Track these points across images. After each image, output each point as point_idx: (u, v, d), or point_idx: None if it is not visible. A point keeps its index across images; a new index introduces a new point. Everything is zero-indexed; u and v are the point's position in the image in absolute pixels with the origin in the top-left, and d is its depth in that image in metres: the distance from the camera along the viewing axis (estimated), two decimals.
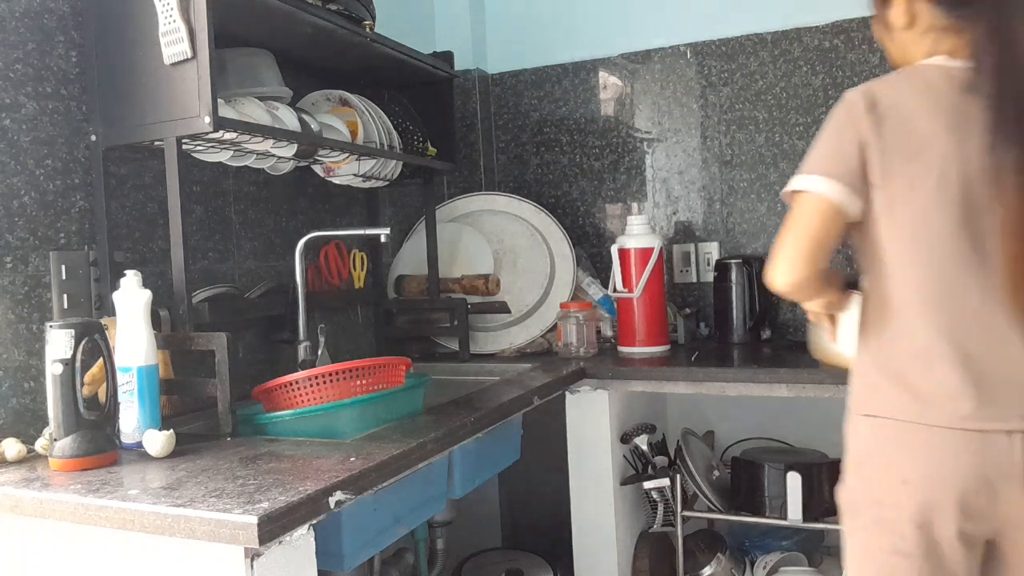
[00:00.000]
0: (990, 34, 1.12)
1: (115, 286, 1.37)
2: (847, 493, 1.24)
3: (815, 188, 1.18)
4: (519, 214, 2.51)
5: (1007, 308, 1.12)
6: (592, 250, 2.72)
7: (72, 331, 1.23)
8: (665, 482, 2.01)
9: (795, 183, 1.21)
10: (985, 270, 1.13)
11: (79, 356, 1.23)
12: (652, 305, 2.21)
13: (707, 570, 2.10)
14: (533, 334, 2.35)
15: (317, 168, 2.02)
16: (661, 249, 2.23)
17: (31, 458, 1.30)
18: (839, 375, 1.89)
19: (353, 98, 2.00)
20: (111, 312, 1.41)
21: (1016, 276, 1.11)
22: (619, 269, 2.21)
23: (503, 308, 2.32)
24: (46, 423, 1.29)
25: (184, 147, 1.55)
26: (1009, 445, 1.09)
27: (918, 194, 1.15)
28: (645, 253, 2.18)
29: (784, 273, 1.21)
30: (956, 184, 1.13)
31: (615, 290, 2.21)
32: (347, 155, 1.92)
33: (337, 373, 1.50)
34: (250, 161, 1.75)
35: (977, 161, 1.12)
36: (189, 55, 1.42)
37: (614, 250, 2.23)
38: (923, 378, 1.15)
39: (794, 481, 1.95)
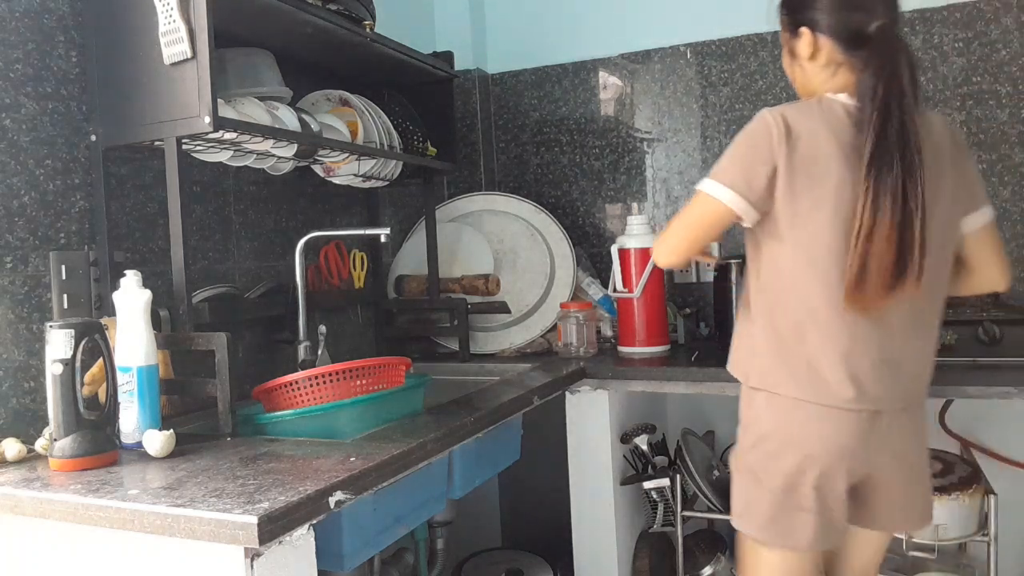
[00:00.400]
0: (878, 74, 1.28)
1: (115, 286, 1.37)
2: (749, 463, 1.44)
3: (719, 196, 1.37)
4: (519, 214, 2.51)
5: (895, 308, 1.32)
6: (592, 250, 2.72)
7: (72, 331, 1.23)
8: (665, 482, 2.01)
9: (704, 185, 1.40)
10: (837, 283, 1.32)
11: (79, 356, 1.23)
12: (652, 305, 2.20)
13: (707, 570, 2.10)
14: (533, 334, 2.35)
15: (317, 168, 2.02)
16: None
17: (31, 458, 1.30)
18: None
19: (353, 98, 2.00)
20: (111, 312, 1.41)
21: (856, 273, 1.29)
22: (619, 269, 2.21)
23: (503, 308, 2.32)
24: (46, 423, 1.29)
25: (184, 147, 1.55)
26: (872, 422, 1.35)
27: (816, 215, 1.31)
28: (645, 253, 2.18)
29: (665, 255, 1.49)
30: (847, 209, 1.29)
31: (615, 290, 2.22)
32: (347, 155, 1.92)
33: (337, 373, 1.50)
34: (250, 161, 1.75)
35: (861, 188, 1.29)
36: (189, 55, 1.42)
37: (614, 250, 2.23)
38: (817, 370, 1.35)
39: None
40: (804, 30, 1.38)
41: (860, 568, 1.56)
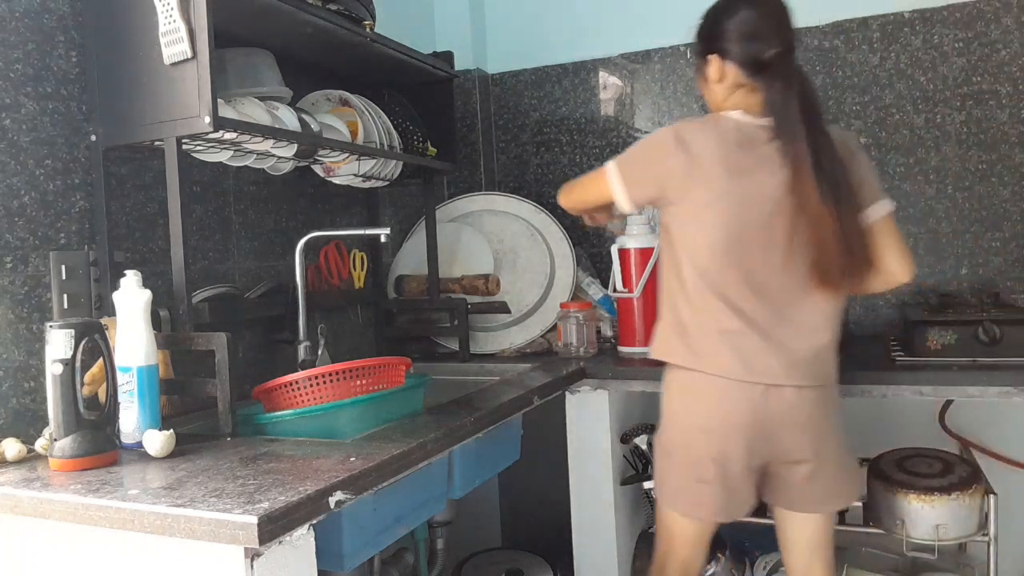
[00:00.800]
0: (785, 91, 1.49)
1: (115, 286, 1.37)
2: (662, 440, 1.64)
3: (611, 180, 1.63)
4: (519, 214, 2.51)
5: (753, 301, 1.51)
6: (592, 250, 2.72)
7: (72, 331, 1.23)
8: None
9: (608, 165, 1.64)
10: (742, 275, 1.51)
11: (79, 356, 1.23)
12: (652, 305, 2.20)
13: (707, 570, 2.10)
14: (533, 334, 2.35)
15: (317, 168, 2.02)
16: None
17: (31, 458, 1.30)
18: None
19: (353, 98, 2.00)
20: (111, 312, 1.41)
21: (818, 260, 1.48)
22: (619, 269, 2.20)
23: (503, 308, 2.32)
24: (46, 423, 1.29)
25: (184, 147, 1.55)
26: (766, 397, 1.50)
27: (706, 212, 1.52)
28: (645, 253, 2.18)
29: (562, 197, 1.81)
30: (729, 211, 1.50)
31: (615, 290, 2.21)
32: (347, 155, 1.92)
33: (337, 373, 1.50)
34: (250, 161, 1.75)
35: (750, 193, 1.49)
36: (189, 55, 1.42)
37: (614, 250, 2.23)
38: (711, 346, 1.53)
39: None
40: (713, 57, 1.57)
41: (805, 552, 1.66)
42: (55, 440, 1.22)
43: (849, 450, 1.63)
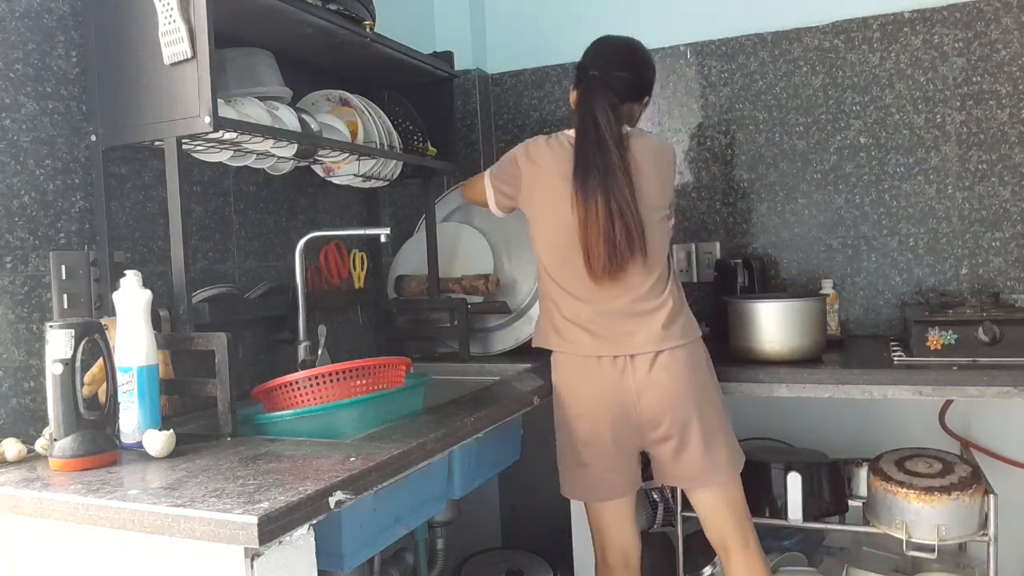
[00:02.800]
0: (580, 112, 1.78)
1: (115, 286, 1.37)
2: (556, 427, 1.83)
3: (486, 184, 1.95)
4: None
5: (589, 285, 1.75)
6: None
7: (72, 331, 1.23)
8: None
9: (487, 171, 1.97)
10: (578, 265, 1.74)
11: (79, 356, 1.22)
12: None
13: (707, 570, 2.11)
14: (533, 328, 2.32)
15: (317, 168, 2.02)
16: None
17: (31, 458, 1.30)
18: (838, 376, 1.89)
19: (353, 98, 2.00)
20: (111, 312, 1.41)
21: (588, 256, 1.72)
22: None
23: (503, 308, 2.32)
24: (46, 423, 1.29)
25: (184, 147, 1.55)
26: (616, 367, 1.73)
27: (546, 216, 1.81)
28: None
29: (462, 191, 2.21)
30: (562, 212, 1.75)
31: None
32: (347, 155, 1.92)
33: (337, 373, 1.50)
34: (250, 161, 1.75)
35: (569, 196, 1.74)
36: (189, 55, 1.42)
37: None
38: (564, 326, 1.79)
39: (794, 481, 1.96)
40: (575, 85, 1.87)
41: (712, 530, 1.81)
42: (55, 440, 1.22)
43: (725, 415, 1.78)
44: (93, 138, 1.54)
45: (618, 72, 1.83)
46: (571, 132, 1.81)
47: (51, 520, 1.10)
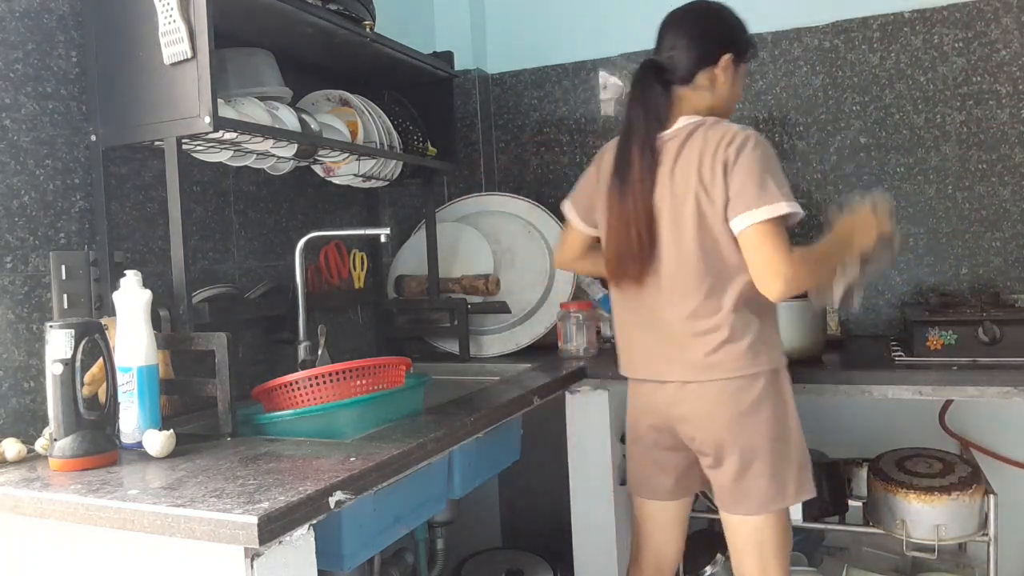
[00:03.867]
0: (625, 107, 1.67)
1: (115, 286, 1.37)
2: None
3: (566, 212, 1.87)
4: (515, 212, 2.50)
5: (631, 298, 1.66)
6: None
7: (72, 331, 1.23)
8: None
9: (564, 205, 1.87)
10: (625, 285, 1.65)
11: (79, 356, 1.22)
12: None
13: (707, 570, 2.10)
14: (537, 333, 2.34)
15: (317, 168, 2.02)
16: None
17: (31, 458, 1.29)
18: (838, 376, 1.89)
19: (353, 98, 2.00)
20: (111, 312, 1.41)
21: (609, 253, 1.65)
22: None
23: (503, 308, 2.32)
24: (46, 423, 1.29)
25: (184, 147, 1.55)
26: (660, 389, 1.65)
27: (601, 221, 1.71)
28: None
29: (556, 261, 2.05)
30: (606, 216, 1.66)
31: None
32: (347, 155, 1.92)
33: (337, 373, 1.50)
34: (250, 161, 1.75)
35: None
36: (189, 55, 1.42)
37: None
38: (621, 351, 1.76)
39: None
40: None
41: (733, 561, 1.70)
42: (55, 440, 1.22)
43: (779, 453, 1.57)
44: (93, 138, 1.54)
45: (671, 46, 1.68)
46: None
47: (51, 520, 1.09)
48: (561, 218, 2.59)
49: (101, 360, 1.28)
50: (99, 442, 1.23)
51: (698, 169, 1.55)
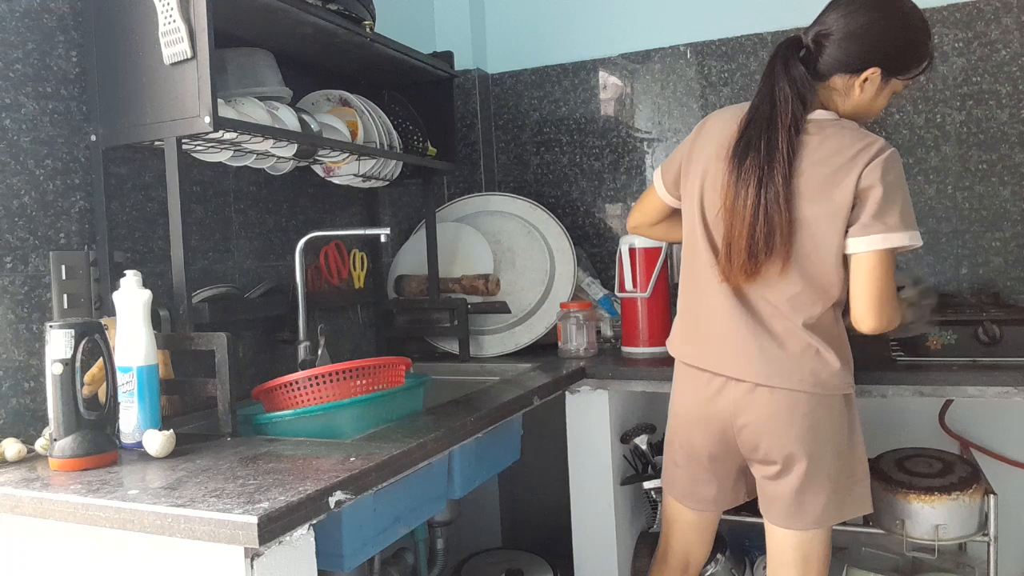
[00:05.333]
0: (759, 91, 1.52)
1: (115, 286, 1.37)
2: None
3: (655, 178, 1.76)
4: (514, 212, 2.50)
5: (717, 288, 1.52)
6: (592, 250, 2.72)
7: (72, 331, 1.23)
8: None
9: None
10: (708, 260, 1.54)
11: (79, 356, 1.23)
12: (658, 306, 2.20)
13: (707, 570, 2.10)
14: (537, 333, 2.34)
15: (317, 168, 2.02)
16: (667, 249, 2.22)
17: (31, 458, 1.30)
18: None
19: (353, 98, 2.00)
20: (111, 312, 1.41)
21: (726, 249, 1.50)
22: (629, 269, 2.19)
23: (503, 308, 2.32)
24: (46, 423, 1.29)
25: (184, 147, 1.55)
26: (718, 387, 1.54)
27: (692, 193, 1.58)
28: (651, 253, 2.17)
29: (629, 222, 1.90)
30: (708, 193, 1.55)
31: (625, 290, 2.20)
32: (347, 155, 1.92)
33: (337, 373, 1.50)
34: (250, 161, 1.75)
35: (713, 177, 1.53)
36: (189, 55, 1.42)
37: (624, 249, 2.21)
38: (680, 330, 1.64)
39: None
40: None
41: (771, 572, 1.60)
42: (55, 440, 1.22)
43: (844, 470, 1.51)
44: (93, 138, 1.54)
45: (824, 29, 1.49)
46: (747, 104, 1.56)
47: (51, 520, 1.09)
48: (561, 218, 2.61)
49: (101, 360, 1.28)
50: (99, 442, 1.23)
51: (834, 171, 1.42)
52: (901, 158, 1.46)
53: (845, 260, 1.46)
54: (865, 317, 1.45)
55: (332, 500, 1.06)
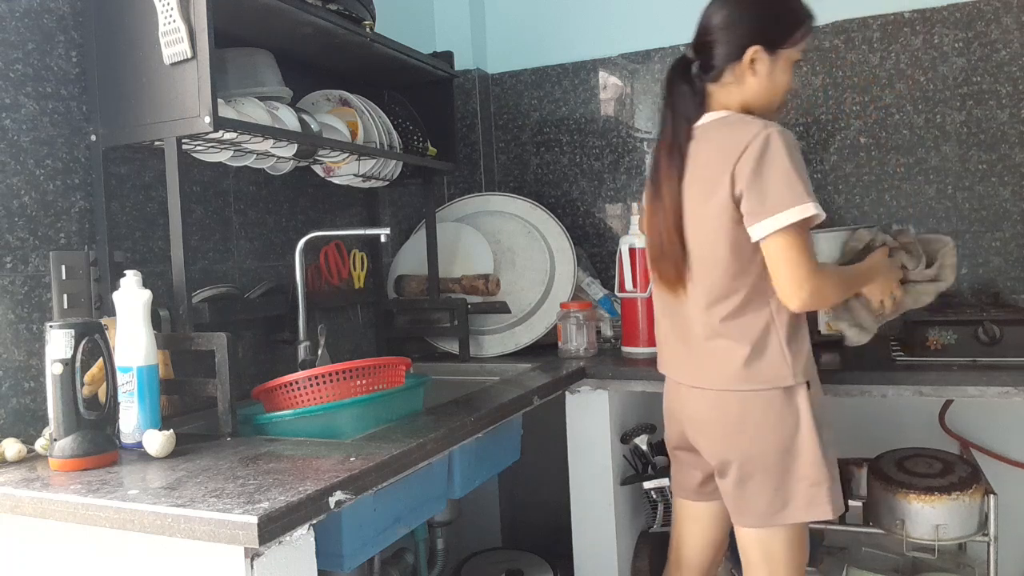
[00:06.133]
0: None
1: (115, 286, 1.37)
2: None
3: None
4: (515, 212, 2.50)
5: (657, 296, 1.67)
6: (592, 250, 2.72)
7: (72, 331, 1.23)
8: (665, 482, 2.00)
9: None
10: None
11: (79, 356, 1.23)
12: None
13: None
14: (537, 333, 2.34)
15: (317, 168, 2.02)
16: None
17: (31, 458, 1.30)
18: (838, 376, 1.89)
19: (353, 98, 2.00)
20: (111, 312, 1.41)
21: (648, 254, 1.65)
22: (629, 269, 2.19)
23: (503, 308, 2.32)
24: (46, 423, 1.29)
25: (184, 147, 1.55)
26: (674, 389, 1.67)
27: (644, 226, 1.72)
28: None
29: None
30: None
31: (625, 290, 2.20)
32: (347, 155, 1.92)
33: (337, 373, 1.50)
34: (250, 161, 1.75)
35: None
36: (189, 55, 1.42)
37: (625, 249, 2.20)
38: (657, 346, 1.74)
39: None
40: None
41: (745, 571, 1.64)
42: (55, 440, 1.22)
43: (787, 469, 1.49)
44: (93, 138, 1.54)
45: (700, 39, 1.56)
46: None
47: (51, 520, 1.09)
48: (561, 218, 2.61)
49: (101, 360, 1.28)
50: (99, 442, 1.23)
51: (714, 173, 1.47)
52: (788, 133, 1.45)
53: (743, 250, 1.47)
54: (787, 298, 1.45)
55: (332, 500, 1.06)
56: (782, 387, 1.49)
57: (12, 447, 1.28)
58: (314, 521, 1.05)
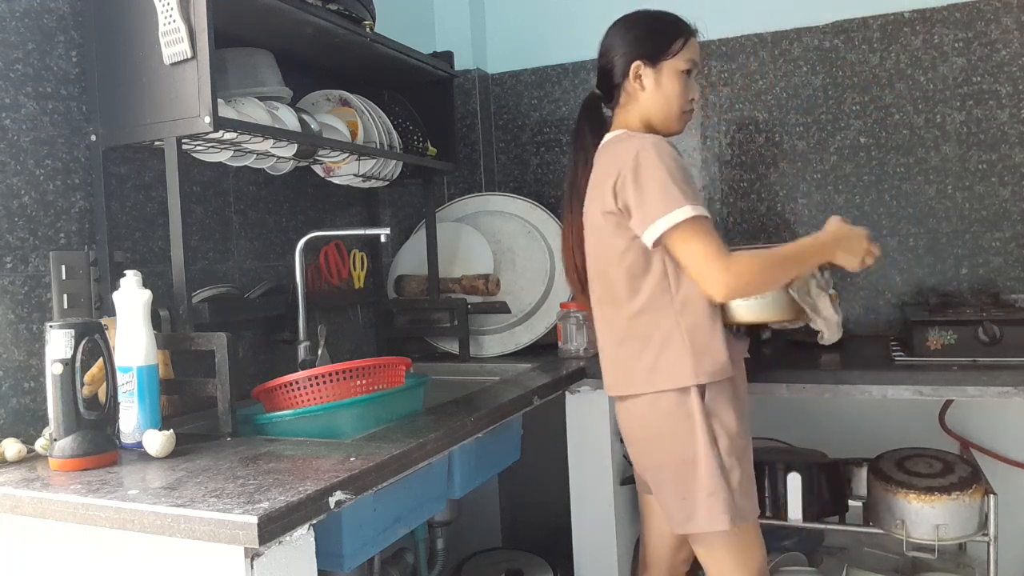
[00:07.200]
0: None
1: (115, 286, 1.37)
2: None
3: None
4: (514, 212, 2.50)
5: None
6: None
7: (72, 331, 1.23)
8: None
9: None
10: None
11: (79, 356, 1.22)
12: None
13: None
14: (537, 333, 2.34)
15: (317, 168, 2.02)
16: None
17: (31, 458, 1.30)
18: (838, 376, 1.89)
19: (353, 98, 2.00)
20: (111, 312, 1.41)
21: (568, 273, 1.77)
22: None
23: (503, 308, 2.32)
24: (46, 423, 1.29)
25: (184, 147, 1.55)
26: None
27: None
28: None
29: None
30: None
31: None
32: (347, 155, 1.92)
33: (337, 373, 1.50)
34: (250, 161, 1.75)
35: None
36: (189, 55, 1.42)
37: None
38: None
39: (794, 481, 1.95)
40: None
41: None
42: (55, 440, 1.22)
43: (685, 478, 1.51)
44: (93, 138, 1.54)
45: (604, 58, 1.70)
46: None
47: (51, 520, 1.09)
48: (561, 218, 2.61)
49: (101, 360, 1.28)
50: (99, 442, 1.23)
51: (600, 188, 1.56)
52: (662, 144, 1.52)
53: (630, 255, 1.53)
54: (712, 289, 1.46)
55: (332, 500, 1.06)
56: (676, 388, 1.51)
57: (12, 447, 1.28)
58: (314, 521, 1.05)
